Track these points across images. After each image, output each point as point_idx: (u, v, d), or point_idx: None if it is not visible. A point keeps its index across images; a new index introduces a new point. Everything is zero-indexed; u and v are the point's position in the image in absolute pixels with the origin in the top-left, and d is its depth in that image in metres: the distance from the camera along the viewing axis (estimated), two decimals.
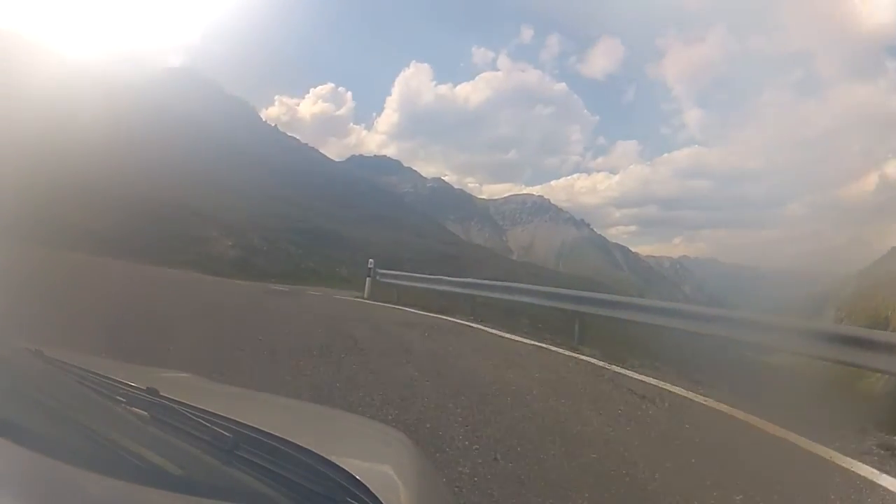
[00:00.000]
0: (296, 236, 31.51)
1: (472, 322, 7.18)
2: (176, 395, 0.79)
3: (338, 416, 1.40)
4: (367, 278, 10.10)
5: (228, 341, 4.36)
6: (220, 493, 0.56)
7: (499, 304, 8.78)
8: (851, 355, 3.88)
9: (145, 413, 0.72)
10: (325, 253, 30.51)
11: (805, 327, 4.66)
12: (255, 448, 0.65)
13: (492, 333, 6.42)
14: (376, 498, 0.60)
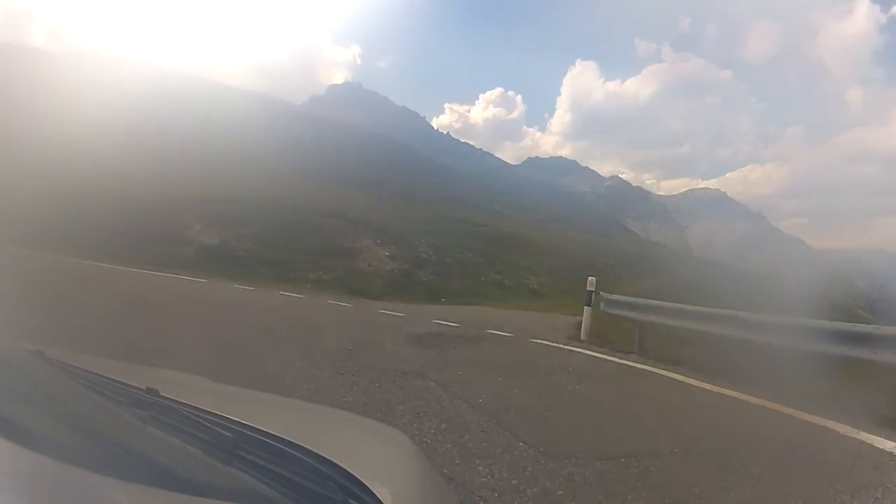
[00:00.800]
0: (474, 243, 25.08)
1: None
2: (176, 395, 0.79)
3: (338, 416, 1.40)
4: (586, 307, 6.57)
5: None
6: (220, 493, 0.56)
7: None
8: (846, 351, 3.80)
9: (145, 413, 0.72)
10: (510, 261, 24.41)
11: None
12: (255, 448, 0.65)
13: None
14: (376, 498, 0.60)
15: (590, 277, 6.78)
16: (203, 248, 15.34)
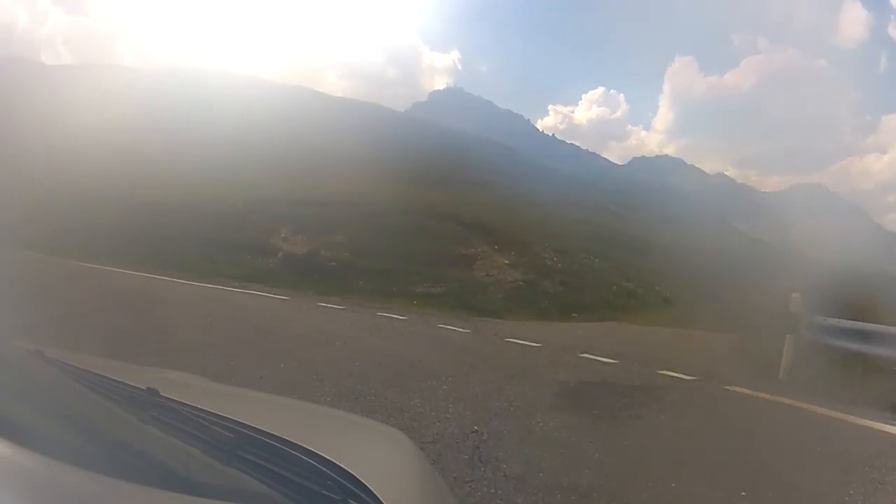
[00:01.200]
0: (598, 247, 22.29)
1: None
2: (176, 396, 0.79)
3: (338, 416, 1.40)
4: (789, 336, 4.86)
5: None
6: (220, 493, 0.56)
7: None
8: None
9: (145, 413, 0.72)
10: (637, 266, 21.64)
11: None
12: (255, 448, 0.65)
13: None
14: (377, 498, 0.60)
15: (793, 294, 5.01)
16: (289, 257, 13.70)
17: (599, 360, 5.27)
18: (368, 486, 0.61)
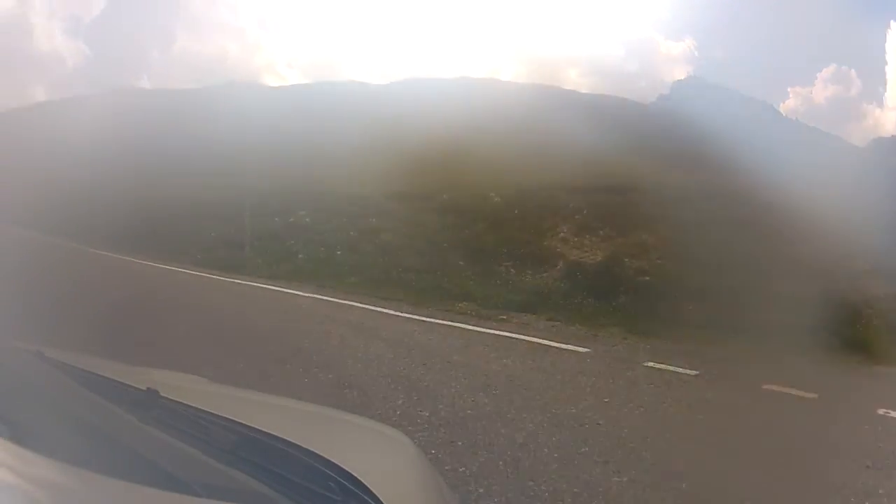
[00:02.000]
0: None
1: None
2: (176, 396, 0.79)
3: (338, 416, 1.40)
4: None
5: None
6: (220, 493, 0.56)
7: None
8: None
9: (145, 413, 0.72)
10: None
11: None
12: (256, 448, 0.65)
13: None
14: (376, 498, 0.60)
15: None
16: (574, 268, 9.04)
17: None
18: (369, 487, 0.61)
